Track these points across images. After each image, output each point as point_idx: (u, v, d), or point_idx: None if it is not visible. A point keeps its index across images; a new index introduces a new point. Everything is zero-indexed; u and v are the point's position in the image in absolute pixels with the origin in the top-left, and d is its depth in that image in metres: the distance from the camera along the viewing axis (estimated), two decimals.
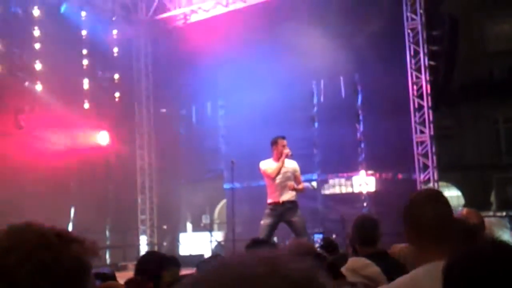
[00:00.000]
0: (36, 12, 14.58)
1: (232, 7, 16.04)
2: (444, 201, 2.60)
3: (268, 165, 8.77)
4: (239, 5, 15.91)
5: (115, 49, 17.10)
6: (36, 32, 14.57)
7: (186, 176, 20.65)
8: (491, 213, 20.71)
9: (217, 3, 16.17)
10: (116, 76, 17.20)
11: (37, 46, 14.56)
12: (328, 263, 3.74)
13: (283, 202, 8.67)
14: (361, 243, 4.30)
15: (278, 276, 0.76)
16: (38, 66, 14.52)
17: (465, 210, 3.89)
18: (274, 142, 8.83)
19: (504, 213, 18.99)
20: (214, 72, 16.74)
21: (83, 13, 16.20)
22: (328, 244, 5.60)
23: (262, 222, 8.56)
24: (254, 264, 0.78)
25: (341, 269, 3.41)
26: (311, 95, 17.34)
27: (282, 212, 8.63)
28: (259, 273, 0.76)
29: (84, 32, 16.17)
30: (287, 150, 8.65)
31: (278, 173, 8.64)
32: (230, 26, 15.67)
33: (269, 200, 8.74)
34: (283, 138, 8.89)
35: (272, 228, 8.59)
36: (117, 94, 17.16)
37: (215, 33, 15.56)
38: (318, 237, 5.03)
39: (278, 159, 8.72)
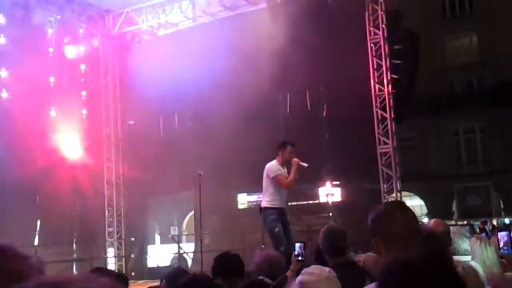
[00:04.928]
0: (1, 19, 14.56)
1: (199, 21, 16.06)
2: (410, 211, 2.65)
3: (279, 171, 8.50)
4: (207, 19, 15.94)
5: (82, 65, 17.01)
6: (2, 40, 14.51)
7: (154, 188, 20.49)
8: (452, 222, 21.10)
9: (184, 16, 16.17)
10: (84, 93, 17.08)
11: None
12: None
13: (284, 208, 8.71)
14: (330, 254, 4.36)
15: None
16: (3, 73, 14.43)
17: (432, 221, 4.02)
18: (282, 146, 8.59)
19: (465, 222, 19.36)
20: (182, 85, 16.69)
21: (50, 30, 16.14)
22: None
23: (276, 230, 8.35)
24: None
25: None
26: (278, 108, 17.43)
27: (283, 216, 8.65)
28: None
29: (50, 49, 16.09)
30: (296, 159, 8.51)
31: (293, 185, 8.57)
32: (198, 39, 15.67)
33: (273, 205, 8.57)
34: (292, 145, 8.66)
35: (285, 233, 8.52)
36: (84, 111, 16.99)
37: (182, 46, 15.53)
38: (298, 246, 4.97)
39: (283, 163, 8.57)
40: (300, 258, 4.78)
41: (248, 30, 14.52)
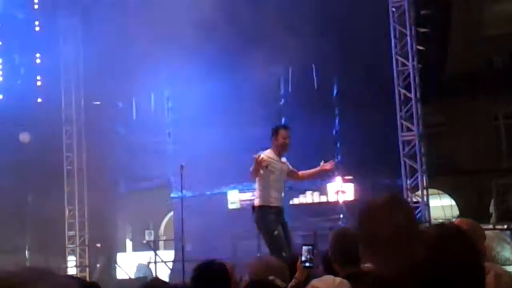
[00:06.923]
0: None
1: None
2: (403, 208, 2.60)
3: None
4: None
5: (37, 24, 16.91)
6: None
7: (125, 184, 20.48)
8: (490, 226, 21.13)
9: None
10: (38, 55, 16.98)
11: None
12: None
13: (281, 207, 9.08)
14: (342, 262, 4.36)
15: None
16: None
17: (457, 220, 3.99)
18: (275, 132, 9.13)
19: (505, 226, 19.39)
20: (160, 57, 16.63)
21: None
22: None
23: (275, 233, 8.69)
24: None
25: None
26: (277, 85, 17.40)
27: (281, 217, 9.02)
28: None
29: None
30: (263, 155, 8.71)
31: (254, 176, 8.87)
32: (181, 5, 15.58)
33: (269, 203, 8.94)
34: (285, 128, 9.29)
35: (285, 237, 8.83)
36: (38, 83, 16.92)
37: (161, 12, 15.44)
38: (306, 250, 4.95)
39: (278, 151, 9.05)
40: (308, 264, 4.78)
41: None
